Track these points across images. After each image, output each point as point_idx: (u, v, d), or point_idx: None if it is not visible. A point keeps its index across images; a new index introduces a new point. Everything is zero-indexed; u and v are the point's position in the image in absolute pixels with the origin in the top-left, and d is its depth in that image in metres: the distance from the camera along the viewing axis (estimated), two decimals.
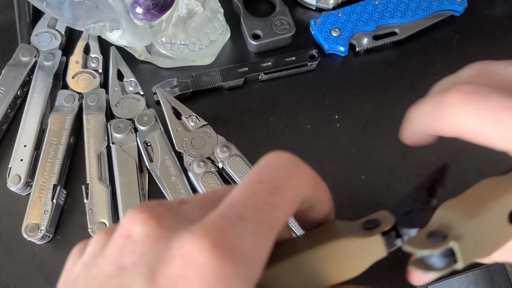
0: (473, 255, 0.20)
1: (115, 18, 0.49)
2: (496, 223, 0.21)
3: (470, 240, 0.20)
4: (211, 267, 0.17)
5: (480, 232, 0.21)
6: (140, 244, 0.18)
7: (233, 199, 0.19)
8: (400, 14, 0.55)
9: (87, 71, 0.53)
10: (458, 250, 0.20)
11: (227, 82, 0.52)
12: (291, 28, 0.55)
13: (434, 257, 0.21)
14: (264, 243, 0.18)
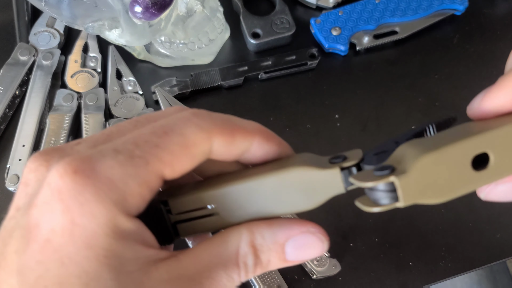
0: (420, 195, 0.19)
1: (114, 17, 0.49)
2: (455, 167, 0.19)
3: (417, 178, 0.18)
4: (70, 191, 0.18)
5: (432, 172, 0.19)
6: (31, 187, 0.20)
7: (120, 137, 0.21)
8: (401, 13, 0.55)
9: (86, 70, 0.53)
10: (398, 186, 0.18)
11: (226, 81, 0.52)
12: (291, 27, 0.55)
13: (378, 192, 0.20)
14: (138, 174, 0.19)
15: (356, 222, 0.47)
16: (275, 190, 0.22)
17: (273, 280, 0.42)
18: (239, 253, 0.22)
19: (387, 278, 0.44)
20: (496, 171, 0.19)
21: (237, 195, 0.22)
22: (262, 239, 0.22)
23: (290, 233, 0.22)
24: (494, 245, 0.46)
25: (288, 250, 0.22)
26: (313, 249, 0.23)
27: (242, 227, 0.22)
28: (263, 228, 0.22)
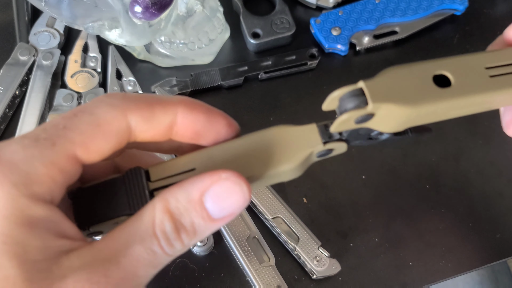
0: (387, 98, 0.21)
1: (114, 17, 0.49)
2: (419, 81, 0.22)
3: (383, 84, 0.22)
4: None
5: (397, 81, 0.22)
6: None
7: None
8: (401, 13, 0.55)
9: (86, 70, 0.53)
10: (365, 87, 0.21)
11: (226, 81, 0.52)
12: (291, 27, 0.55)
13: (347, 99, 0.22)
14: (43, 155, 0.19)
15: (356, 222, 0.47)
16: (255, 149, 0.23)
17: (273, 280, 0.42)
18: (155, 222, 0.20)
19: (387, 278, 0.44)
20: (458, 90, 0.22)
21: (218, 156, 0.23)
22: (176, 202, 0.21)
23: (202, 186, 0.21)
24: (494, 245, 0.46)
25: (209, 206, 0.21)
26: (233, 197, 0.21)
27: (156, 198, 0.21)
28: (175, 190, 0.21)
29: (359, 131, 0.23)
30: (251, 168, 0.22)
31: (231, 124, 0.24)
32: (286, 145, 0.23)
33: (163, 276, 0.44)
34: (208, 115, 0.23)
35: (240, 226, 0.44)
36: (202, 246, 0.43)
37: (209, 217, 0.21)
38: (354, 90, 0.22)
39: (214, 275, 0.44)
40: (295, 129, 0.23)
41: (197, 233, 0.21)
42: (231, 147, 0.23)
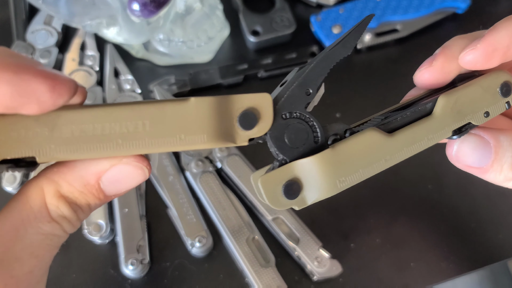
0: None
1: (112, 14, 0.48)
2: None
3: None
4: None
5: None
6: None
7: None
8: (402, 11, 0.54)
9: (83, 68, 0.52)
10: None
11: (226, 80, 0.52)
12: (291, 24, 0.54)
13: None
14: None
15: (357, 222, 0.46)
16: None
17: (273, 282, 0.41)
18: (48, 208, 0.20)
19: (389, 279, 0.44)
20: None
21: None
22: (68, 186, 0.20)
23: (99, 170, 0.20)
24: (496, 245, 0.46)
25: (106, 188, 0.21)
26: (134, 179, 0.21)
27: (39, 179, 0.20)
28: (65, 173, 0.20)
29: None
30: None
31: (57, 87, 0.19)
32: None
33: (161, 277, 0.43)
34: (17, 79, 0.18)
35: (240, 226, 0.44)
36: (201, 247, 0.43)
37: (105, 196, 0.21)
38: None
39: (213, 277, 0.43)
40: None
41: (92, 209, 0.21)
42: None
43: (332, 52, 0.25)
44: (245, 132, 0.23)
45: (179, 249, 0.44)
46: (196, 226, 0.44)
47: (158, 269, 0.43)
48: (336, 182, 0.24)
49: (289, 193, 0.23)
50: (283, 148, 0.24)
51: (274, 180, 0.23)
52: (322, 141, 0.24)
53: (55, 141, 0.20)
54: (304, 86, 0.25)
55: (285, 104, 0.24)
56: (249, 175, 0.46)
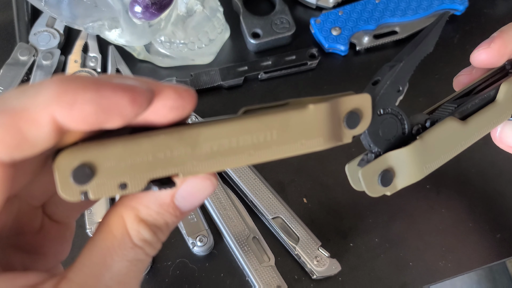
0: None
1: (114, 17, 0.49)
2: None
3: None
4: None
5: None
6: None
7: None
8: (401, 13, 0.55)
9: (85, 70, 0.52)
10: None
11: (226, 81, 0.52)
12: (291, 27, 0.55)
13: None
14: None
15: (356, 222, 0.46)
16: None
17: (273, 280, 0.42)
18: (130, 234, 0.20)
19: (387, 278, 0.44)
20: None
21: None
22: (146, 209, 0.20)
23: (172, 189, 0.21)
24: (494, 245, 0.46)
25: (180, 204, 0.21)
26: (205, 191, 0.21)
27: (118, 207, 0.20)
28: (141, 198, 0.20)
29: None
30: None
31: (137, 99, 0.18)
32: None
33: (163, 276, 0.43)
34: (99, 97, 0.18)
35: (240, 226, 0.44)
36: (202, 246, 0.43)
37: (181, 212, 0.21)
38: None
39: (214, 275, 0.44)
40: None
41: (170, 228, 0.21)
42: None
43: (418, 51, 0.27)
44: (350, 131, 0.24)
45: (180, 248, 0.44)
46: (197, 226, 0.44)
47: (160, 268, 0.44)
48: (423, 168, 0.27)
49: (385, 181, 0.26)
50: (378, 141, 0.26)
51: (372, 171, 0.26)
52: (408, 132, 0.27)
53: (197, 158, 0.20)
54: (396, 84, 0.26)
55: (380, 101, 0.26)
56: (249, 175, 0.46)
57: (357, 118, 0.24)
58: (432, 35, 0.28)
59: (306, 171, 0.49)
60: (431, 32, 0.28)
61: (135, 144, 0.19)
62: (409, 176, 0.27)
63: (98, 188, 0.19)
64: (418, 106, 0.52)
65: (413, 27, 0.55)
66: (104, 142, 0.19)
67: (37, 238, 0.23)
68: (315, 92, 0.53)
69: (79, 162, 0.18)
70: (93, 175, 0.18)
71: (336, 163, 0.49)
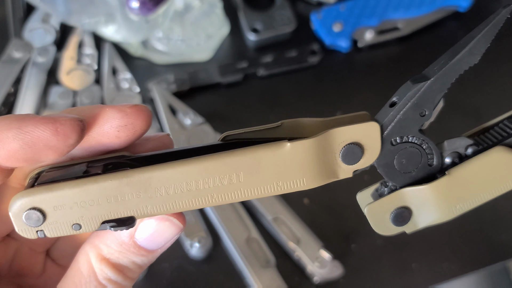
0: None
1: (110, 12, 0.48)
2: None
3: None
4: None
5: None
6: None
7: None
8: (404, 9, 0.54)
9: (81, 67, 0.52)
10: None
11: (225, 78, 0.51)
12: (291, 22, 0.54)
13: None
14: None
15: (358, 223, 0.46)
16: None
17: (273, 283, 0.41)
18: (95, 272, 0.21)
19: (390, 280, 0.44)
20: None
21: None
22: (107, 248, 0.21)
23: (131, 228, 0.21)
24: (499, 245, 0.46)
25: (143, 243, 0.21)
26: (166, 232, 0.21)
27: (85, 245, 0.21)
28: (103, 236, 0.21)
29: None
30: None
31: (59, 129, 0.19)
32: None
33: (159, 279, 0.43)
34: (21, 132, 0.19)
35: (239, 227, 0.43)
36: (201, 247, 0.42)
37: (148, 251, 0.21)
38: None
39: (212, 278, 0.43)
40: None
41: (143, 266, 0.22)
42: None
43: (458, 62, 0.21)
44: (350, 167, 0.21)
45: (178, 250, 0.44)
46: (195, 227, 0.43)
47: (157, 270, 0.43)
48: (452, 209, 0.22)
49: (398, 220, 0.22)
50: (393, 175, 0.22)
51: (382, 208, 0.22)
52: (437, 163, 0.22)
53: (150, 202, 0.20)
54: (419, 107, 0.21)
55: (395, 129, 0.21)
56: None
57: (358, 152, 0.21)
58: (480, 41, 0.21)
59: None
60: (479, 37, 0.21)
61: (82, 189, 0.19)
62: (431, 215, 0.22)
63: (52, 228, 0.19)
64: None
65: (417, 23, 0.54)
66: (53, 186, 0.19)
67: (39, 281, 0.24)
68: (316, 90, 0.52)
69: (29, 206, 0.19)
70: (44, 217, 0.19)
71: None
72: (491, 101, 0.53)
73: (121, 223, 0.20)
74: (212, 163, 0.20)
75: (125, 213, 0.20)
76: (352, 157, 0.21)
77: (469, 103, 0.52)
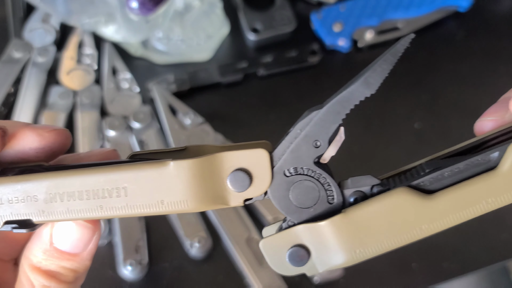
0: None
1: (110, 12, 0.48)
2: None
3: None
4: None
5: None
6: None
7: None
8: (404, 8, 0.54)
9: (81, 67, 0.52)
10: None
11: (225, 78, 0.51)
12: (291, 22, 0.54)
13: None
14: None
15: None
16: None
17: (273, 282, 0.41)
18: (33, 283, 0.22)
19: (390, 280, 0.44)
20: None
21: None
22: (35, 257, 0.22)
23: (49, 234, 0.22)
24: (499, 245, 0.46)
25: (64, 247, 0.22)
26: (77, 234, 0.22)
27: (22, 257, 0.23)
28: (29, 246, 0.22)
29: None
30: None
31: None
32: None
33: (160, 278, 0.43)
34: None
35: (239, 227, 0.43)
36: (201, 247, 0.42)
37: (72, 255, 0.22)
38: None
39: (212, 278, 0.43)
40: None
41: (77, 269, 0.23)
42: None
43: (352, 92, 0.21)
44: (239, 193, 0.20)
45: (178, 249, 0.44)
46: (195, 227, 0.43)
47: (157, 270, 0.43)
48: (352, 253, 0.20)
49: (295, 260, 0.20)
50: (290, 209, 0.21)
51: (277, 244, 0.21)
52: (338, 201, 0.21)
53: (46, 207, 0.21)
54: (311, 137, 0.21)
55: (288, 159, 0.20)
56: None
57: (246, 180, 0.20)
58: (376, 71, 0.20)
59: None
60: (375, 66, 0.20)
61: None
62: (331, 258, 0.20)
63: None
64: (421, 104, 0.51)
65: (417, 23, 0.54)
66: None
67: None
68: (316, 90, 0.52)
69: None
70: None
71: (338, 162, 0.48)
72: (491, 101, 0.52)
73: (21, 225, 0.21)
74: (100, 175, 0.20)
75: (25, 216, 0.21)
76: (240, 184, 0.20)
77: (469, 103, 0.52)
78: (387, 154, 0.49)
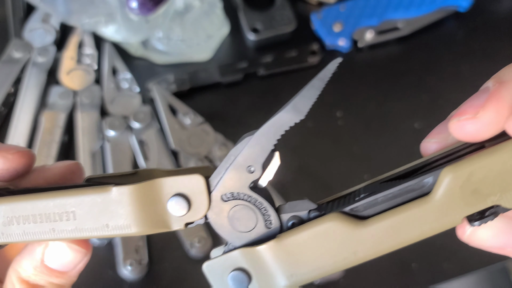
0: None
1: (110, 12, 0.48)
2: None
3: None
4: None
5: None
6: None
7: None
8: (404, 8, 0.54)
9: (81, 67, 0.52)
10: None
11: (225, 78, 0.51)
12: (291, 22, 0.54)
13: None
14: None
15: None
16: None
17: None
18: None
19: (390, 280, 0.44)
20: None
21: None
22: (24, 271, 0.23)
23: (38, 254, 0.23)
24: None
25: (54, 266, 0.23)
26: (68, 255, 0.23)
27: (10, 268, 0.23)
28: (20, 260, 0.23)
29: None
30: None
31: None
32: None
33: (160, 278, 0.43)
34: None
35: None
36: (201, 247, 0.42)
37: (61, 273, 0.23)
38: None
39: None
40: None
41: (65, 285, 0.24)
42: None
43: (279, 119, 0.22)
44: (180, 218, 0.21)
45: (178, 249, 0.44)
46: (196, 227, 0.43)
47: (157, 270, 0.43)
48: (289, 277, 0.21)
49: (236, 283, 0.21)
50: (229, 233, 0.21)
51: (219, 267, 0.21)
52: (275, 226, 0.21)
53: (6, 230, 0.21)
54: (245, 163, 0.21)
55: (224, 184, 0.21)
56: None
57: (184, 204, 0.21)
58: (304, 97, 0.21)
59: (308, 170, 0.48)
60: (303, 92, 0.21)
61: None
62: (270, 283, 0.21)
63: None
64: (421, 104, 0.51)
65: (417, 23, 0.54)
66: None
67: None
68: None
69: None
70: None
71: (338, 162, 0.48)
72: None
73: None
74: (50, 200, 0.21)
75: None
76: (179, 208, 0.21)
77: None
78: (387, 154, 0.49)
